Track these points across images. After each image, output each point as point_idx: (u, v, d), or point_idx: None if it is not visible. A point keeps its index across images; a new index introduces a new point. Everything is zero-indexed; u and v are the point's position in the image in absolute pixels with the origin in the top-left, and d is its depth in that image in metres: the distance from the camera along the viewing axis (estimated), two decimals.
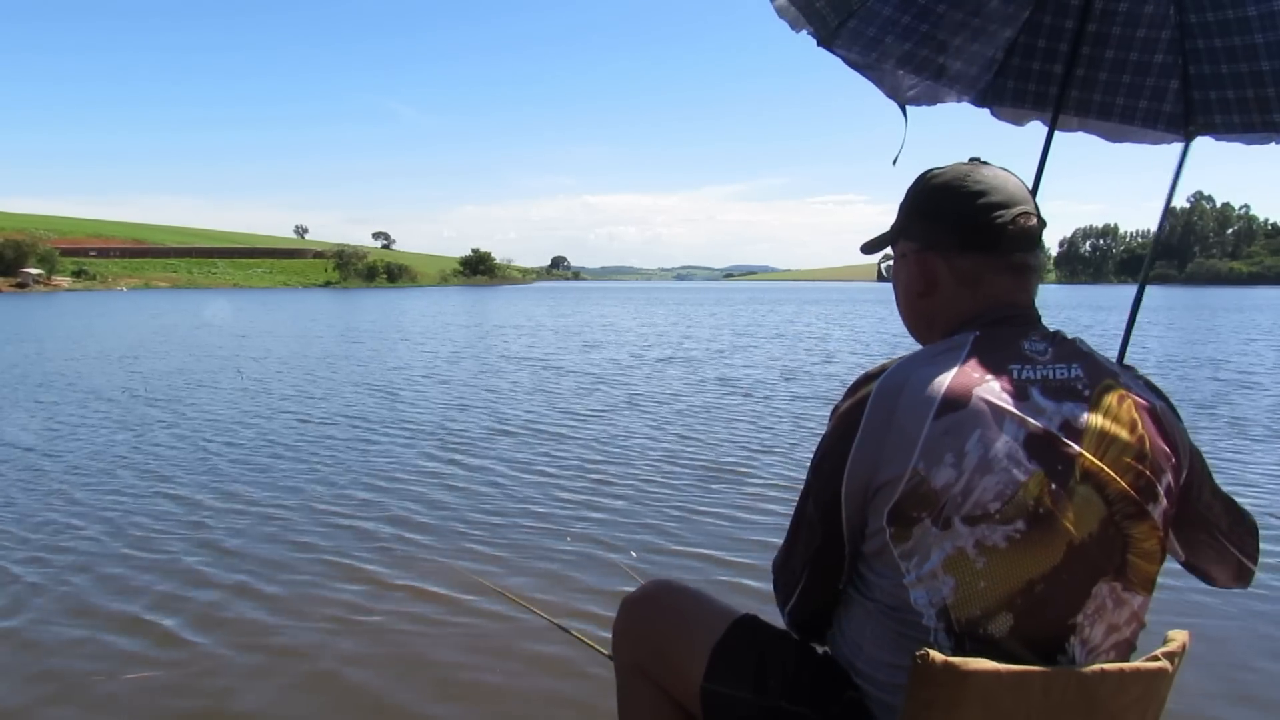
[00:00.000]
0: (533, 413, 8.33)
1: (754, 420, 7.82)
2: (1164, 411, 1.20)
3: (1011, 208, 1.22)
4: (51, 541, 4.12)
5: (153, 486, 5.26)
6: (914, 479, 1.08)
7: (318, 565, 3.80)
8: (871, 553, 1.15)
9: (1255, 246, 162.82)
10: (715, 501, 4.89)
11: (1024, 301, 1.23)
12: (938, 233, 1.26)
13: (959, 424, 1.08)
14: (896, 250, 1.35)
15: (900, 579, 1.11)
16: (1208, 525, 1.27)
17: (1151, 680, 1.13)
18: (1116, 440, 1.12)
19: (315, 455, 6.27)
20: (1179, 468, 1.19)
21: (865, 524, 1.15)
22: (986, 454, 1.07)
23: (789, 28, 2.25)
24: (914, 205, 1.30)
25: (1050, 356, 1.17)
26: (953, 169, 1.27)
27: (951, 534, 1.08)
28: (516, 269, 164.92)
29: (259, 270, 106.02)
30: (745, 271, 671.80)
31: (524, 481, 5.42)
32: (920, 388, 1.11)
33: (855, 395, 1.18)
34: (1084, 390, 1.14)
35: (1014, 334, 1.18)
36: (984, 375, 1.12)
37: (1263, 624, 3.19)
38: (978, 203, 1.22)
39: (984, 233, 1.22)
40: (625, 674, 1.48)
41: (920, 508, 1.08)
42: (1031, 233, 1.23)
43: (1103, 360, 1.21)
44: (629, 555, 3.91)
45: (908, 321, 1.36)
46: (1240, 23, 2.06)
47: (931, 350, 1.18)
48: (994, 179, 1.24)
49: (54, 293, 63.77)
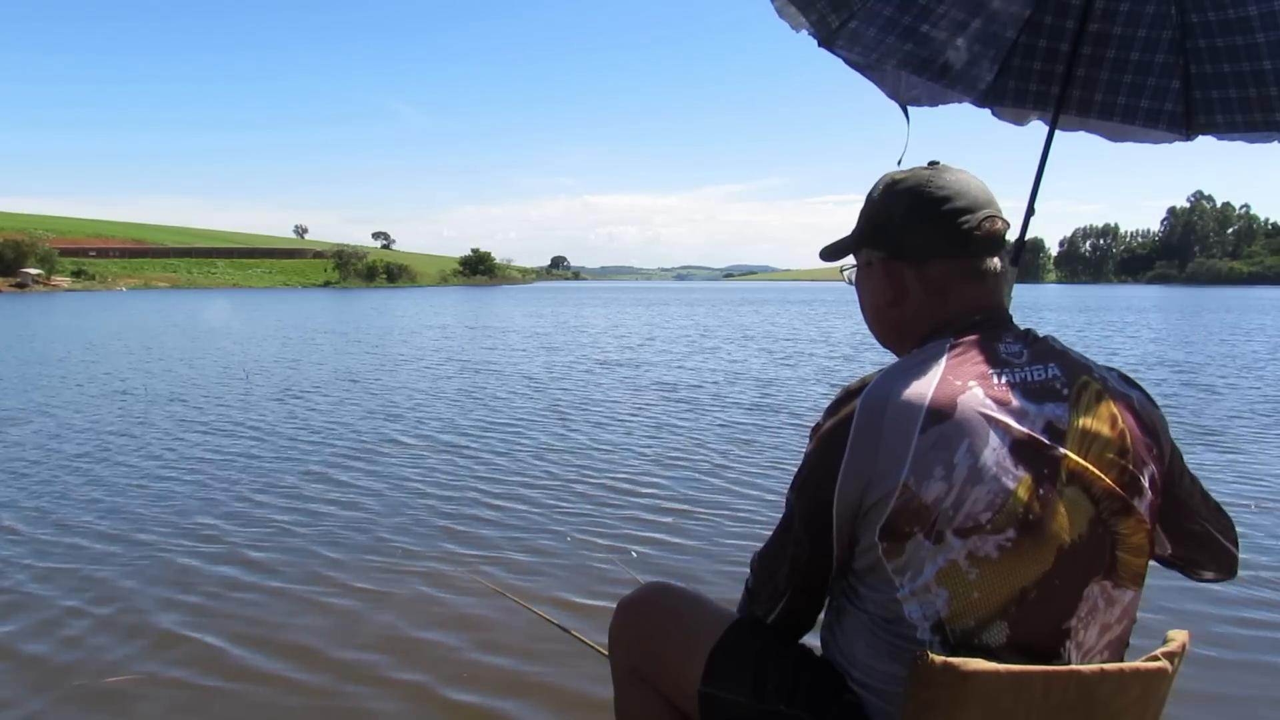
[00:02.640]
0: (532, 413, 8.33)
1: (754, 420, 7.83)
2: (1141, 402, 1.20)
3: (976, 212, 1.21)
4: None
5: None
6: (905, 494, 1.08)
7: (315, 566, 3.80)
8: (863, 568, 1.15)
9: (1256, 246, 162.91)
10: (716, 501, 4.89)
11: (994, 304, 1.23)
12: (903, 241, 1.24)
13: (946, 436, 1.07)
14: (860, 258, 1.33)
15: (893, 593, 1.11)
16: (1190, 511, 1.28)
17: (1151, 680, 1.13)
18: (1099, 437, 1.12)
19: (312, 455, 6.27)
20: (1161, 457, 1.19)
21: (856, 540, 1.14)
22: (975, 464, 1.07)
23: (789, 28, 2.25)
24: (877, 212, 1.28)
25: (1027, 358, 1.16)
26: (914, 175, 1.25)
27: (944, 547, 1.07)
28: (516, 269, 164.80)
29: (259, 270, 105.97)
30: (745, 271, 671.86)
31: (524, 481, 5.41)
32: (904, 402, 1.10)
33: (838, 413, 1.16)
34: (1063, 389, 1.15)
35: (989, 338, 1.18)
36: (966, 383, 1.11)
37: (1263, 623, 3.19)
38: (943, 209, 1.21)
39: (951, 239, 1.21)
40: (622, 677, 1.48)
41: (912, 522, 1.08)
42: (998, 235, 1.22)
43: (1076, 356, 1.21)
44: (630, 555, 3.91)
45: (875, 330, 1.34)
46: (1241, 22, 2.06)
47: (910, 362, 1.16)
48: (956, 183, 1.22)
49: (53, 293, 63.73)
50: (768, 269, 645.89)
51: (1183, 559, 1.32)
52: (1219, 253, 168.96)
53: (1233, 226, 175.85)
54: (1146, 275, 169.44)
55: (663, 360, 14.16)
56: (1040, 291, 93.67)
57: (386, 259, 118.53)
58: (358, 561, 3.85)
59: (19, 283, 66.85)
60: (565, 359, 14.41)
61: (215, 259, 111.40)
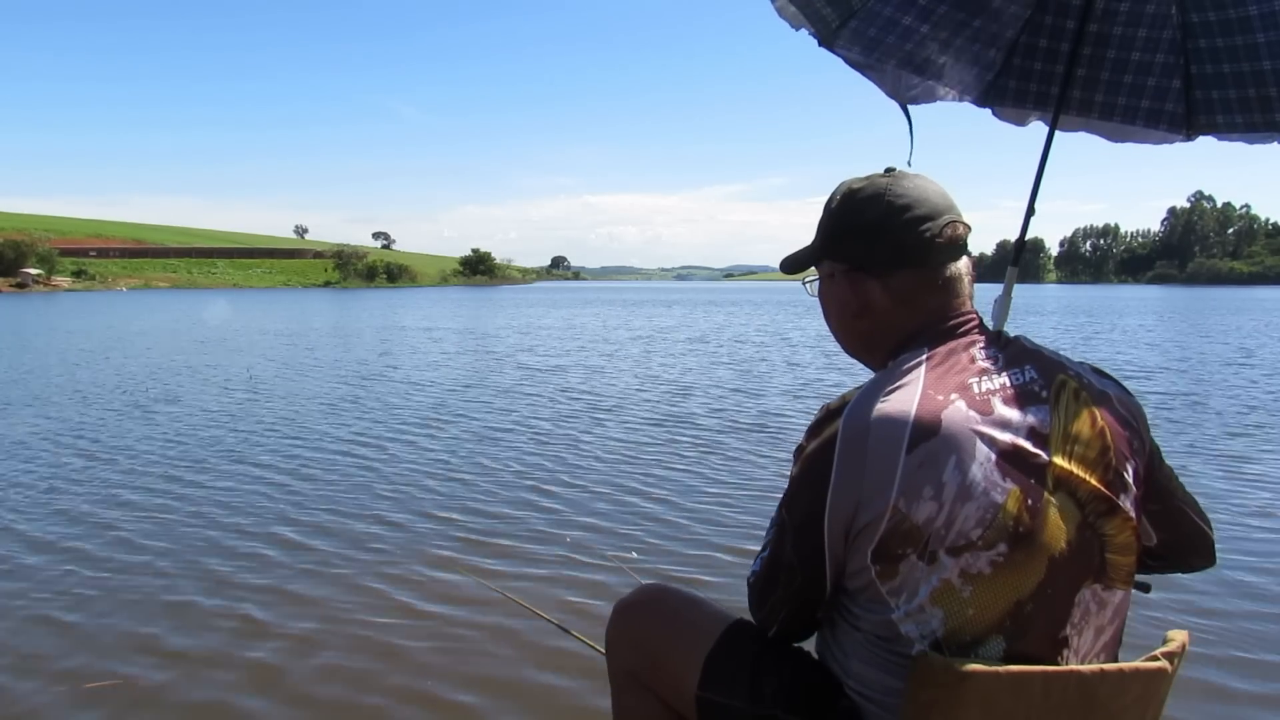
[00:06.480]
0: (531, 413, 8.32)
1: (756, 420, 7.82)
2: (1118, 395, 1.20)
3: (937, 219, 1.19)
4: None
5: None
6: (895, 517, 1.06)
7: (313, 566, 3.80)
8: (856, 588, 1.14)
9: (1256, 246, 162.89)
10: (717, 500, 4.89)
11: (963, 308, 1.21)
12: (865, 252, 1.22)
13: (933, 454, 1.06)
14: (822, 270, 1.30)
15: (888, 614, 1.10)
16: (1170, 493, 1.27)
17: (1151, 680, 1.13)
18: (1080, 438, 1.12)
19: (308, 455, 6.26)
20: (1142, 449, 1.19)
21: (848, 563, 1.13)
22: (964, 480, 1.06)
23: (789, 27, 2.25)
24: (837, 224, 1.25)
25: (1002, 362, 1.15)
26: (871, 184, 1.23)
27: (937, 567, 1.07)
28: (516, 269, 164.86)
29: (259, 270, 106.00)
30: (745, 271, 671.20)
31: (524, 481, 5.41)
32: (887, 421, 1.08)
33: (821, 435, 1.14)
34: (1042, 391, 1.14)
35: (962, 344, 1.17)
36: (948, 397, 1.10)
37: (1263, 627, 3.18)
38: (904, 218, 1.18)
39: (913, 249, 1.19)
40: (618, 679, 1.47)
41: (904, 544, 1.07)
42: (959, 241, 1.20)
43: (1050, 354, 1.20)
44: (630, 555, 3.91)
45: (843, 342, 1.32)
46: (1242, 22, 2.06)
47: (889, 377, 1.14)
48: (916, 190, 1.20)
49: (53, 293, 63.73)
50: (768, 269, 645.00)
51: (1169, 546, 1.30)
52: (1219, 253, 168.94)
53: (1233, 226, 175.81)
54: (1147, 275, 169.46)
55: (668, 361, 14.16)
56: (1040, 292, 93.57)
57: (386, 259, 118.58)
58: (354, 562, 3.85)
59: (19, 283, 66.85)
60: (567, 360, 14.40)
61: (215, 259, 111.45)
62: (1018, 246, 2.39)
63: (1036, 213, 2.31)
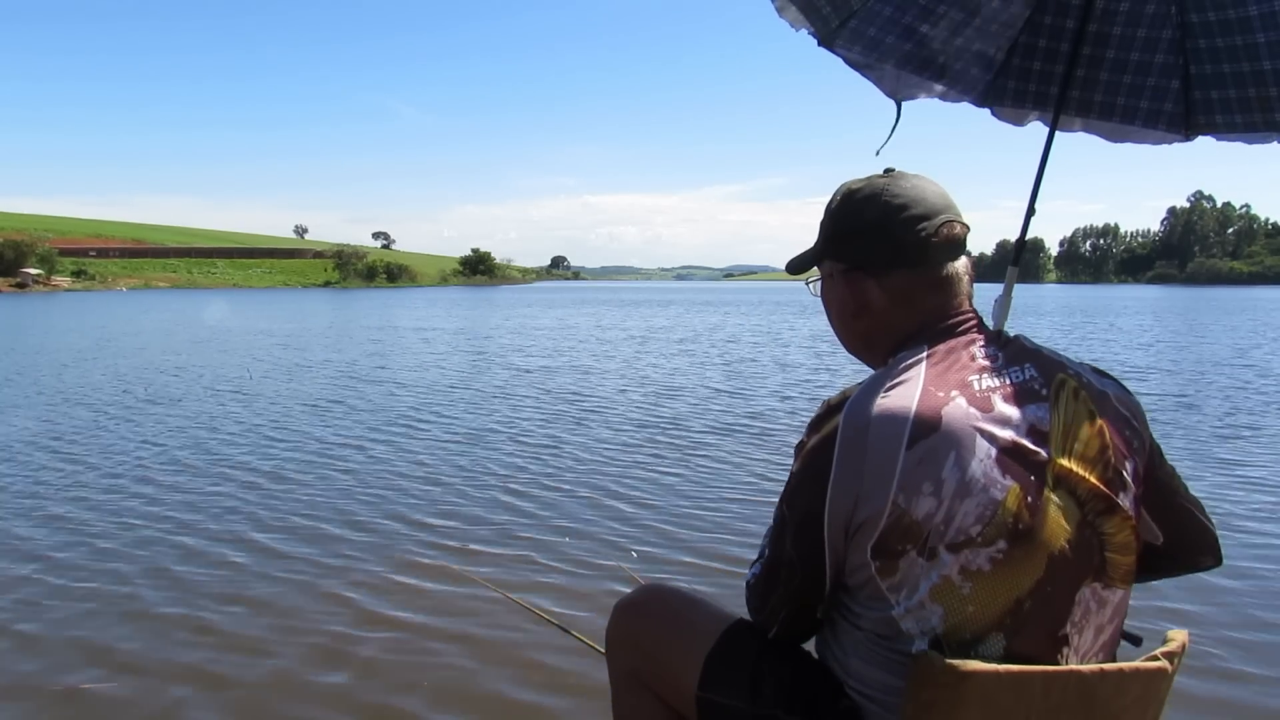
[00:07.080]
0: (531, 413, 8.32)
1: (758, 421, 7.82)
2: (1117, 394, 1.21)
3: (933, 219, 1.20)
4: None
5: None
6: (895, 513, 1.07)
7: (313, 567, 3.80)
8: (856, 585, 1.14)
9: (1256, 246, 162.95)
10: (717, 502, 4.89)
11: (961, 307, 1.22)
12: (863, 252, 1.23)
13: (933, 450, 1.06)
14: (823, 270, 1.32)
15: (888, 610, 1.11)
16: (1173, 490, 1.28)
17: (1151, 680, 1.13)
18: (1080, 436, 1.12)
19: (308, 456, 6.26)
20: (1142, 448, 1.19)
21: (847, 559, 1.13)
22: (964, 477, 1.06)
23: (789, 27, 2.25)
24: (836, 225, 1.27)
25: (1003, 360, 1.16)
26: (869, 184, 1.24)
27: (937, 563, 1.07)
28: (516, 269, 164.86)
29: (259, 270, 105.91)
30: (745, 271, 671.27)
31: (523, 481, 5.41)
32: (888, 417, 1.09)
33: (821, 430, 1.15)
34: (1042, 390, 1.14)
35: (962, 343, 1.17)
36: (949, 394, 1.10)
37: (1263, 624, 3.19)
38: (900, 218, 1.19)
39: (910, 249, 1.20)
40: (619, 679, 1.47)
41: (904, 540, 1.07)
42: (956, 240, 1.21)
43: (1049, 354, 1.21)
44: (630, 555, 3.91)
45: (845, 341, 1.34)
46: (1242, 22, 2.06)
47: (889, 373, 1.15)
48: (912, 191, 1.21)
49: (53, 293, 63.70)
50: (768, 269, 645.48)
51: (1176, 545, 1.30)
52: (1219, 253, 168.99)
53: (1233, 226, 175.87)
54: (1147, 275, 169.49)
55: (668, 362, 14.16)
56: (1040, 291, 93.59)
57: (386, 259, 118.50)
58: (354, 562, 3.85)
59: (19, 283, 66.80)
60: (564, 360, 14.40)
61: (215, 259, 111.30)
62: (1018, 246, 2.39)
63: (1036, 213, 2.31)
